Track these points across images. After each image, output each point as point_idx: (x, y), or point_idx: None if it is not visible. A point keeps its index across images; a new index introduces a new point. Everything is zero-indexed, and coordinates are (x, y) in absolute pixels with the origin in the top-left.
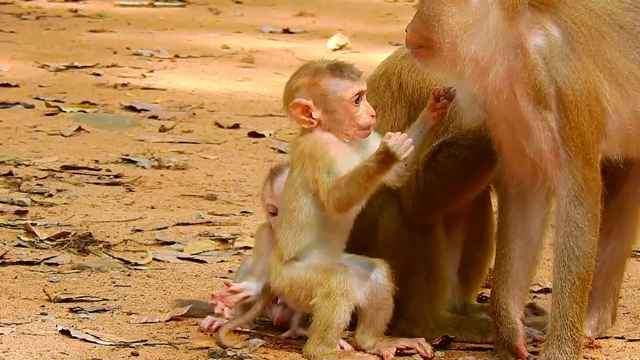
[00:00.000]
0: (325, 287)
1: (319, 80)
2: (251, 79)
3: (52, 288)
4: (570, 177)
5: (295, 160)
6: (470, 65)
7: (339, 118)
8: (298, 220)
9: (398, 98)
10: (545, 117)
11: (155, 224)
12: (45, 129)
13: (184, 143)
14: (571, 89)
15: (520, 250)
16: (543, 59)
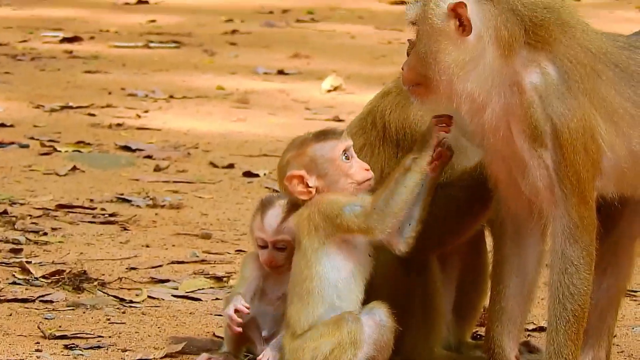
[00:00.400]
0: (336, 337)
1: (306, 149)
2: (246, 119)
3: (47, 325)
4: (565, 215)
5: (303, 230)
6: (467, 102)
7: (334, 179)
8: (310, 289)
9: (384, 137)
10: (541, 155)
11: (150, 262)
12: (40, 169)
13: (179, 182)
14: (567, 127)
15: (515, 288)
16: (539, 97)
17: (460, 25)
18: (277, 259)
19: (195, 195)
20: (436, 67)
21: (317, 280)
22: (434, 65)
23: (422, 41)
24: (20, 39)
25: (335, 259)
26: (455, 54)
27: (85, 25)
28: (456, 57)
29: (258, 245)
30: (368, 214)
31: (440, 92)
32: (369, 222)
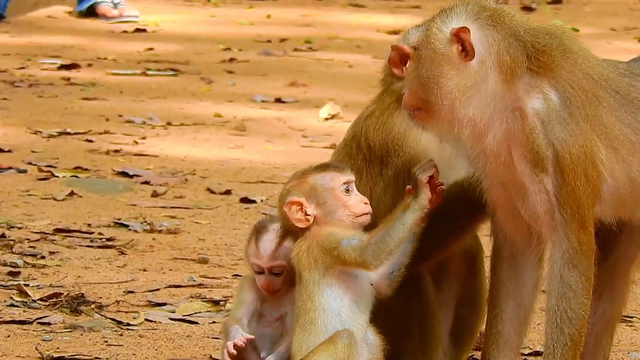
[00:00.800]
0: (330, 351)
1: (307, 178)
2: (243, 147)
3: (44, 347)
4: (565, 240)
5: (303, 264)
6: (468, 127)
7: (332, 209)
8: (312, 319)
9: (370, 159)
10: (542, 180)
11: (147, 286)
12: (38, 193)
13: (176, 208)
14: (568, 153)
15: (511, 312)
16: (541, 123)
17: (463, 50)
18: (274, 284)
19: (193, 220)
20: (438, 91)
21: (320, 311)
22: (435, 90)
23: (424, 66)
24: (18, 65)
25: (336, 290)
26: (457, 79)
27: (83, 53)
28: (458, 82)
29: (254, 270)
30: (364, 248)
31: (441, 117)
32: (364, 256)
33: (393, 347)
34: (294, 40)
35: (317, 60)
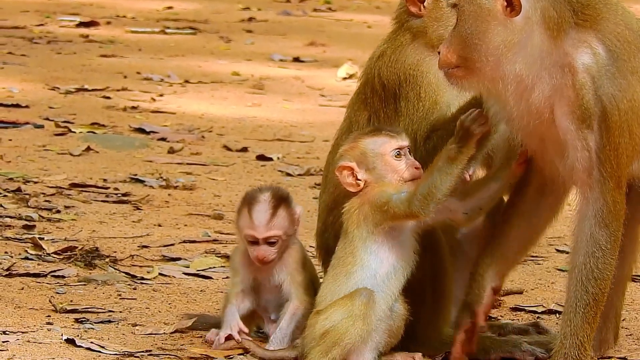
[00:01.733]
0: (347, 307)
1: (358, 142)
2: (260, 105)
3: (58, 299)
4: (600, 199)
5: (353, 220)
6: (513, 84)
7: (381, 174)
8: (348, 272)
9: (385, 97)
10: (585, 137)
11: (161, 241)
12: (55, 149)
13: (192, 165)
14: (617, 109)
15: (520, 230)
16: (591, 78)
17: (508, 6)
18: (268, 255)
19: (209, 177)
20: (482, 48)
21: (359, 266)
22: (480, 47)
23: (466, 22)
24: (37, 22)
25: (380, 251)
26: (503, 35)
27: (102, 11)
28: (504, 38)
29: (248, 241)
30: (412, 199)
31: (484, 74)
32: (412, 207)
33: (409, 306)
34: (314, 1)
35: (336, 20)
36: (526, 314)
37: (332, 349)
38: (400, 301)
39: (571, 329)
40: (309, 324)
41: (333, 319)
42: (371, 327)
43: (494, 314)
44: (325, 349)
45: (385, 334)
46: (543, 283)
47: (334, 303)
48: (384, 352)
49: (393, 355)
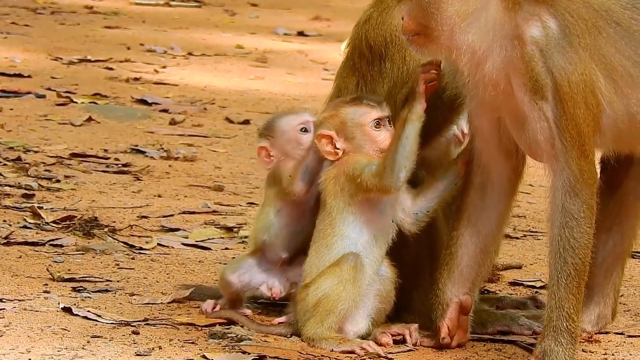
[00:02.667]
0: (336, 273)
1: (339, 111)
2: (264, 78)
3: (55, 268)
4: (566, 168)
5: (329, 191)
6: (467, 54)
7: (359, 144)
8: (329, 244)
9: (371, 60)
10: (541, 108)
11: (161, 212)
12: (56, 118)
13: (194, 136)
14: (567, 81)
15: (469, 238)
16: (540, 51)
17: None
18: None
19: (210, 149)
20: (438, 17)
21: (339, 237)
22: (436, 16)
23: None
24: None
25: (358, 220)
26: (458, 5)
27: None
28: (459, 8)
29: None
30: (381, 173)
31: (440, 43)
32: (383, 180)
33: (405, 281)
34: None
35: None
36: (524, 289)
37: (327, 317)
38: (387, 265)
39: (556, 302)
40: (299, 298)
41: (324, 287)
42: (362, 291)
43: (492, 287)
44: (320, 319)
45: (376, 299)
46: (542, 258)
47: (321, 273)
48: (378, 321)
49: (389, 327)
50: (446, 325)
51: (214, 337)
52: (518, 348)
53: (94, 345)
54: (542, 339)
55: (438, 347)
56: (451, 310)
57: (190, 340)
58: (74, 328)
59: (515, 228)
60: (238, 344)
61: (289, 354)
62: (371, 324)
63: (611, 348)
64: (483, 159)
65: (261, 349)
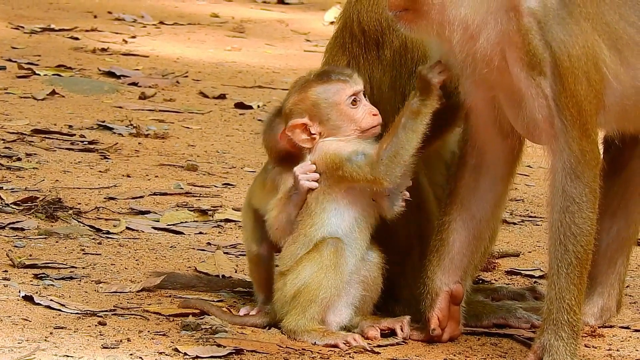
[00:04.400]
0: (316, 260)
1: (307, 92)
2: (241, 49)
3: (16, 253)
4: (566, 149)
5: None
6: (459, 29)
7: (336, 124)
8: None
9: (365, 43)
10: (539, 84)
11: (130, 193)
12: (17, 92)
13: (165, 112)
14: (567, 55)
15: (461, 222)
16: (537, 23)
17: None
18: None
19: (183, 125)
20: None
21: (319, 226)
22: None
23: None
24: None
25: (338, 208)
26: None
27: None
28: None
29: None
30: (374, 164)
31: (430, 18)
32: (376, 172)
33: (394, 266)
34: None
35: None
36: (522, 279)
37: (308, 308)
38: (374, 249)
39: (556, 293)
40: (276, 287)
41: (303, 275)
42: (345, 277)
43: (488, 277)
44: (301, 309)
45: (360, 286)
46: (541, 245)
47: (300, 259)
48: (365, 310)
49: (379, 320)
50: (436, 316)
51: (186, 329)
52: (515, 342)
53: (57, 337)
54: (541, 332)
55: (428, 339)
56: (441, 300)
57: (161, 331)
58: (35, 318)
59: (513, 213)
60: (212, 336)
61: (267, 347)
62: (354, 313)
63: (616, 343)
64: (478, 139)
65: (237, 341)
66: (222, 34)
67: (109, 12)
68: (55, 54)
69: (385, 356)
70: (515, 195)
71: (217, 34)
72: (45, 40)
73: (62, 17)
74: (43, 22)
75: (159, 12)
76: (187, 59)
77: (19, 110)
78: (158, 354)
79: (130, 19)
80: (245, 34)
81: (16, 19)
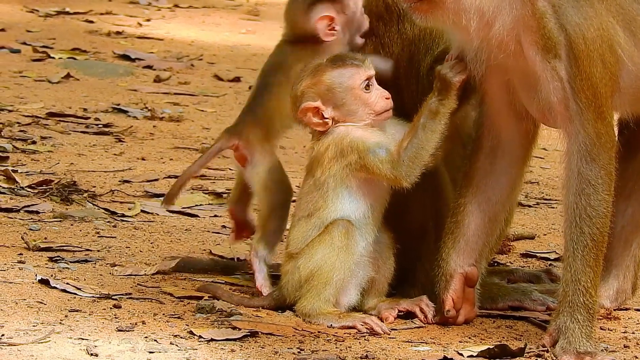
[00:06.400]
0: (327, 242)
1: (321, 76)
2: (255, 32)
3: (31, 236)
4: (581, 131)
5: (321, 161)
6: (475, 17)
7: (351, 109)
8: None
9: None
10: (554, 67)
11: (145, 176)
12: (32, 75)
13: (180, 95)
14: (582, 37)
15: (477, 205)
16: (552, 6)
17: None
18: None
19: (197, 108)
20: None
21: (332, 211)
22: None
23: None
24: None
25: (353, 195)
26: None
27: None
28: None
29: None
30: (396, 163)
31: (446, 8)
32: (397, 171)
33: (409, 252)
34: None
35: None
36: (537, 261)
37: (323, 290)
38: (383, 230)
39: (572, 275)
40: (285, 270)
41: (315, 258)
42: (355, 258)
43: (503, 259)
44: (316, 292)
45: (370, 267)
46: (556, 228)
47: (311, 243)
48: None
49: (398, 302)
50: (450, 298)
51: (201, 312)
52: (530, 325)
53: (72, 320)
54: (557, 315)
55: (444, 321)
56: (455, 282)
57: (176, 314)
58: (50, 301)
59: (528, 195)
60: (227, 319)
61: (283, 330)
62: (371, 295)
63: (631, 325)
64: (493, 122)
65: (253, 324)
66: (237, 17)
67: None
68: (70, 37)
69: (400, 339)
70: (531, 177)
71: (231, 17)
72: (60, 24)
73: (77, 1)
74: (58, 6)
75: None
76: (201, 42)
77: (34, 93)
78: (173, 337)
79: (144, 2)
80: (260, 16)
81: (31, 2)
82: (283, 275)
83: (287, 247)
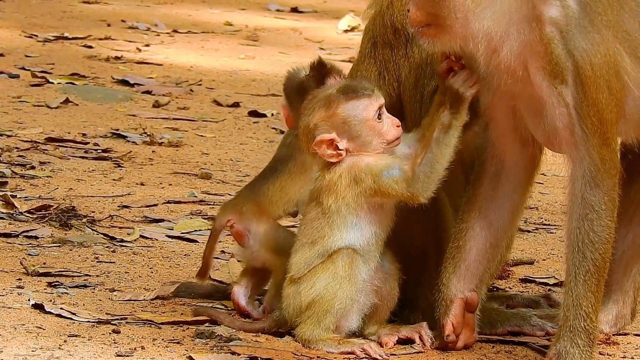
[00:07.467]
0: (330, 270)
1: (336, 109)
2: (254, 57)
3: (30, 261)
4: (586, 157)
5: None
6: (483, 42)
7: (366, 140)
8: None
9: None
10: (561, 93)
11: (144, 201)
12: (30, 100)
13: (179, 120)
14: (589, 63)
15: (479, 230)
16: (559, 32)
17: None
18: None
19: (197, 133)
20: (450, 4)
21: (338, 238)
22: (447, 3)
23: None
24: None
25: (359, 224)
26: None
27: None
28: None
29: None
30: (411, 180)
31: (453, 33)
32: (413, 188)
33: (411, 275)
34: None
35: None
36: (537, 286)
37: (324, 318)
38: (390, 260)
39: (573, 299)
40: (287, 294)
41: (318, 286)
42: (358, 287)
43: (502, 284)
44: (317, 319)
45: (372, 295)
46: (555, 253)
47: (314, 270)
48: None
49: (398, 329)
50: (450, 323)
51: (200, 337)
52: (529, 350)
53: (71, 345)
54: (557, 339)
55: (443, 346)
56: (455, 307)
57: (175, 340)
58: (49, 326)
59: (527, 220)
60: (227, 344)
61: (282, 355)
62: (371, 322)
63: (630, 351)
64: (498, 147)
65: (252, 349)
66: (236, 42)
67: (122, 21)
68: (69, 63)
69: None
70: (530, 203)
71: (230, 42)
72: (58, 49)
73: (76, 26)
74: (57, 31)
75: (172, 21)
76: (200, 67)
77: (32, 118)
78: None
79: (143, 27)
80: (259, 42)
81: (30, 28)
82: (284, 299)
83: (289, 271)
